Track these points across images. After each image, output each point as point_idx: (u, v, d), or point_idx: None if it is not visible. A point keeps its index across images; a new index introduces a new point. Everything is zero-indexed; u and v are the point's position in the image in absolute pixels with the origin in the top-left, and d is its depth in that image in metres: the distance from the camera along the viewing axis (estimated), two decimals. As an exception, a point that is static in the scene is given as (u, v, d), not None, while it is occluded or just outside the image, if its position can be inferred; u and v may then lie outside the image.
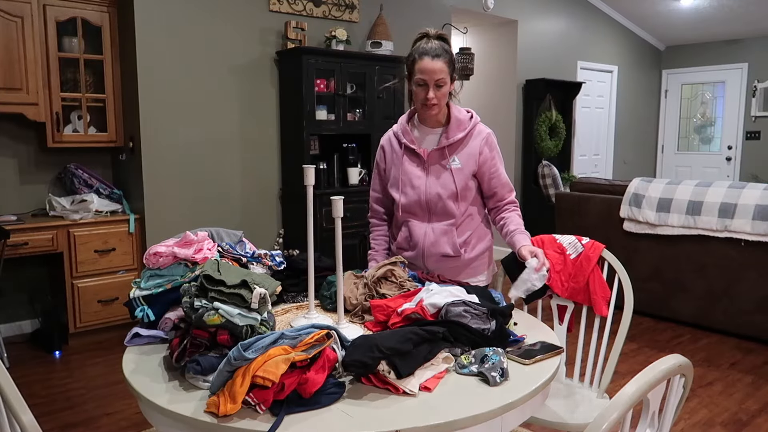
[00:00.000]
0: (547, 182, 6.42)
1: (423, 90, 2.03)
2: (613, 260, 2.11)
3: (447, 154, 2.11)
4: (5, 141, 3.97)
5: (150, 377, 1.41)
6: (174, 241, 1.74)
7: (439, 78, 2.01)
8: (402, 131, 2.18)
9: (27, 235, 3.63)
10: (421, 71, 2.01)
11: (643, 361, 3.60)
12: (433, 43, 2.02)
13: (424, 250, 2.14)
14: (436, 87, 2.02)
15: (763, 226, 3.72)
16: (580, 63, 7.26)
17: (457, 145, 2.11)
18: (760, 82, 7.85)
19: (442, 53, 2.01)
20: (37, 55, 3.76)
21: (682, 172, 8.64)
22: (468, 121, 2.14)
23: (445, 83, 2.03)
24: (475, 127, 2.14)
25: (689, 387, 1.18)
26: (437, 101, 2.04)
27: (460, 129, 2.11)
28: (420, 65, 2.01)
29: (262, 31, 4.49)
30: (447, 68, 2.02)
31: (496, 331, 1.56)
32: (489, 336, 1.55)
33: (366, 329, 1.66)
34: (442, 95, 2.05)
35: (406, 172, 2.16)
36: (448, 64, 2.02)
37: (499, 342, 1.54)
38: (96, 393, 3.19)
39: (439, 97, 2.04)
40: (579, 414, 1.92)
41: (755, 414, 2.94)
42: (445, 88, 2.04)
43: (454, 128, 2.11)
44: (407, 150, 2.16)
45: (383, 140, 2.26)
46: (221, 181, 4.39)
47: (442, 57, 2.01)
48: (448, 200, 2.10)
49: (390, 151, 2.22)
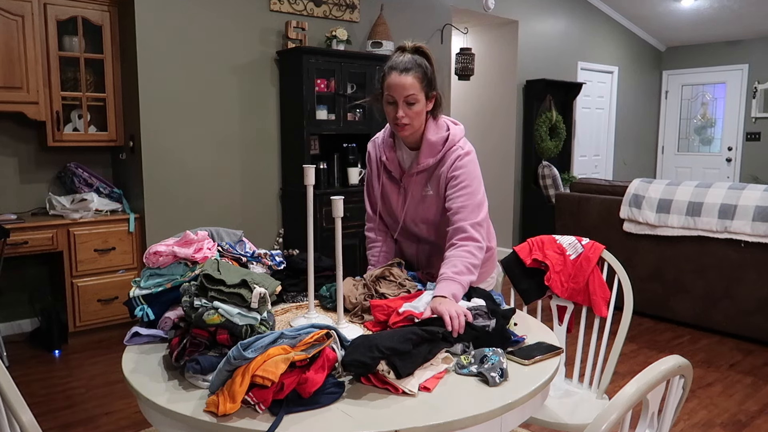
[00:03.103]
0: (547, 183, 6.42)
1: (393, 108, 1.85)
2: (613, 261, 2.11)
3: (420, 181, 1.96)
4: (5, 140, 3.97)
5: (149, 376, 1.41)
6: (174, 241, 1.74)
7: (408, 95, 1.81)
8: (383, 145, 2.04)
9: (27, 234, 3.63)
10: (389, 87, 1.83)
11: (642, 361, 3.60)
12: (405, 57, 1.84)
13: (421, 266, 2.11)
14: (407, 105, 1.83)
15: (762, 227, 3.72)
16: (580, 64, 7.26)
17: (430, 172, 1.94)
18: (760, 84, 7.85)
19: (413, 67, 1.81)
20: (38, 54, 3.76)
21: (682, 173, 8.64)
22: (442, 144, 1.92)
23: (416, 100, 1.83)
24: (449, 150, 1.92)
25: (689, 388, 1.18)
26: (408, 120, 1.85)
27: (431, 154, 1.92)
28: (388, 81, 1.84)
29: (262, 31, 4.49)
30: (419, 83, 1.82)
31: (498, 329, 1.56)
32: (491, 333, 1.54)
33: (366, 329, 1.66)
34: (414, 114, 1.84)
35: (385, 193, 2.05)
36: (420, 79, 1.82)
37: (501, 341, 1.54)
38: (95, 392, 3.19)
39: (410, 116, 1.84)
40: (578, 414, 1.92)
41: (755, 415, 2.94)
42: (418, 106, 1.84)
43: (426, 153, 1.92)
44: (385, 169, 2.04)
45: (369, 146, 2.11)
46: (221, 181, 4.39)
47: (413, 71, 1.81)
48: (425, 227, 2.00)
49: (374, 159, 2.09)
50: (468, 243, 1.82)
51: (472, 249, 1.81)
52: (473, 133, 6.67)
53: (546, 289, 2.15)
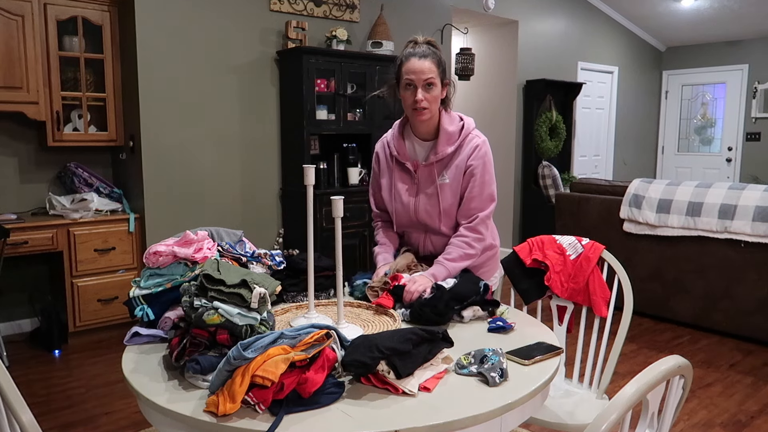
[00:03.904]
0: (547, 183, 6.42)
1: (411, 93, 1.93)
2: (613, 261, 2.11)
3: (435, 170, 2.01)
4: (5, 140, 3.97)
5: (149, 376, 1.41)
6: (174, 241, 1.74)
7: (427, 78, 1.91)
8: (393, 141, 2.09)
9: (27, 233, 3.63)
10: (408, 72, 1.92)
11: (642, 361, 3.60)
12: (421, 47, 1.95)
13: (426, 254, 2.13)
14: (426, 88, 1.92)
15: (762, 228, 3.72)
16: (580, 64, 7.26)
17: (446, 161, 2.01)
18: (760, 84, 7.85)
19: (430, 54, 1.93)
20: (38, 54, 3.76)
21: (682, 173, 8.64)
22: (458, 133, 2.02)
23: (434, 84, 1.93)
24: (465, 138, 2.02)
25: (689, 388, 1.18)
26: (427, 104, 1.93)
27: (449, 143, 2.00)
28: (407, 66, 1.93)
29: (262, 31, 4.49)
30: (436, 69, 1.93)
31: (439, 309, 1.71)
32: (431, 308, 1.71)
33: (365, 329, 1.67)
34: (432, 98, 1.94)
35: (396, 187, 2.09)
36: (436, 65, 1.93)
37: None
38: (95, 392, 3.19)
39: (429, 100, 1.93)
40: (578, 415, 1.92)
41: (755, 415, 2.94)
42: (435, 90, 1.94)
43: (443, 142, 2.00)
44: (397, 162, 2.08)
45: (378, 146, 2.18)
46: (221, 181, 4.39)
47: (430, 57, 1.92)
48: (437, 219, 2.04)
49: (383, 158, 2.14)
50: (469, 234, 1.98)
51: (471, 241, 1.97)
52: (473, 133, 6.66)
53: (546, 289, 2.15)
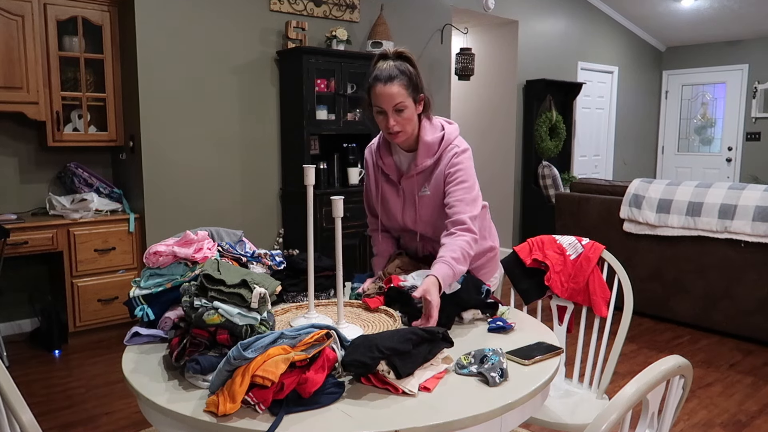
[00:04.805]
0: (547, 183, 6.42)
1: (383, 118, 1.88)
2: (613, 261, 2.11)
3: (416, 183, 1.99)
4: (5, 140, 3.97)
5: (149, 376, 1.41)
6: (174, 241, 1.74)
7: (397, 103, 1.84)
8: (378, 150, 2.07)
9: (27, 234, 3.63)
10: (376, 98, 1.86)
11: (642, 361, 3.60)
12: (387, 65, 1.86)
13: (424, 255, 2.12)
14: (396, 112, 1.86)
15: (763, 228, 3.72)
16: (580, 64, 7.26)
17: (427, 173, 1.98)
18: (760, 84, 7.85)
19: (396, 75, 1.83)
20: (38, 54, 3.76)
21: (682, 173, 8.64)
22: (437, 144, 1.96)
23: (405, 107, 1.86)
24: (446, 149, 1.96)
25: (689, 388, 1.18)
26: (400, 128, 1.88)
27: (428, 155, 1.96)
28: (374, 92, 1.86)
29: (262, 31, 4.49)
30: (405, 90, 1.84)
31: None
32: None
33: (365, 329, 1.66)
34: (405, 120, 1.88)
35: (385, 195, 2.08)
36: (405, 86, 1.84)
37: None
38: (95, 392, 3.19)
39: (402, 123, 1.88)
40: (578, 415, 1.92)
41: (755, 415, 2.94)
42: (407, 112, 1.87)
43: (422, 155, 1.96)
44: (383, 173, 2.07)
45: (366, 153, 2.14)
46: (221, 181, 4.39)
47: (397, 79, 1.83)
48: (424, 226, 2.03)
49: (371, 165, 2.12)
50: (466, 234, 1.88)
51: (469, 239, 1.87)
52: (473, 133, 6.67)
53: (546, 289, 2.15)
